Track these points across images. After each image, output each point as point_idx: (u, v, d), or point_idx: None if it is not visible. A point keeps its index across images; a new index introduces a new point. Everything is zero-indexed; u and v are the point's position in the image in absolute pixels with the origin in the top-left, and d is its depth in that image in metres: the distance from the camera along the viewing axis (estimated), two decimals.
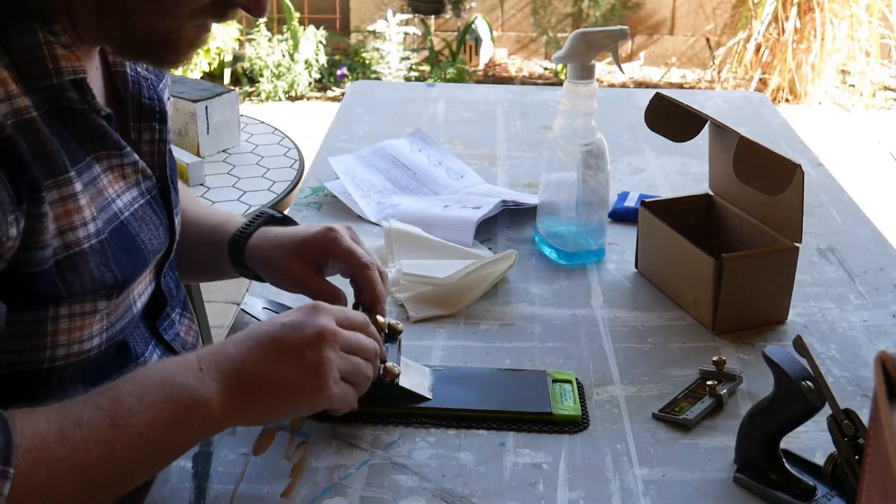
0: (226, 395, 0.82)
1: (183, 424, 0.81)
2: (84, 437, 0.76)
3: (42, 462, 0.74)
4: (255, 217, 1.12)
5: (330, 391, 0.85)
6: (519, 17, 5.34)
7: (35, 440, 0.74)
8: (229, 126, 2.12)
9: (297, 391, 0.85)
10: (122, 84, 0.96)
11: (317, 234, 1.05)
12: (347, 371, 0.87)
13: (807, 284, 1.27)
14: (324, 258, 1.05)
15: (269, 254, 1.07)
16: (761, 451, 0.90)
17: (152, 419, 0.79)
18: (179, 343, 1.05)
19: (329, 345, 0.85)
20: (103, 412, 0.78)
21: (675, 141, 1.28)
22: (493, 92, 2.04)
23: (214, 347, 0.85)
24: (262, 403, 0.84)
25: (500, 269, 1.24)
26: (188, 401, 0.80)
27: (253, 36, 4.81)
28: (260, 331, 0.86)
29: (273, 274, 1.08)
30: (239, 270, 1.12)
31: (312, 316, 0.86)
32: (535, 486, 0.90)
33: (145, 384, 0.81)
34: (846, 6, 4.90)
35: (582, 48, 1.23)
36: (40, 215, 0.79)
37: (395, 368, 0.95)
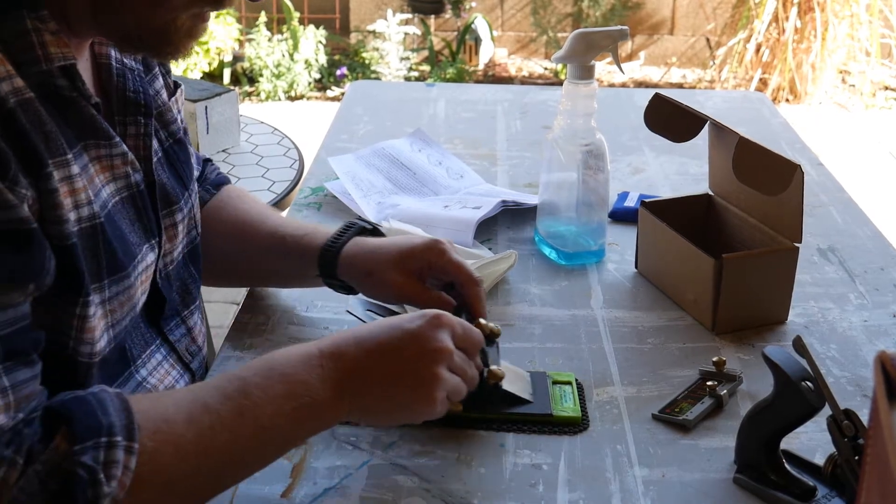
0: (340, 395, 0.84)
1: (301, 420, 0.83)
2: (212, 422, 0.78)
3: (170, 443, 0.76)
4: (345, 227, 1.12)
5: (435, 407, 0.87)
6: (519, 17, 5.34)
7: (162, 423, 0.76)
8: (229, 126, 2.12)
9: (406, 401, 0.87)
10: (107, 76, 0.96)
11: (424, 244, 1.05)
12: (451, 389, 0.88)
13: (807, 284, 1.27)
14: (428, 269, 1.05)
15: (369, 265, 1.07)
16: (761, 451, 0.90)
17: (275, 412, 0.81)
18: (185, 344, 1.04)
19: (444, 363, 0.87)
20: (230, 401, 0.80)
21: (674, 141, 1.28)
22: (493, 92, 2.04)
23: (337, 344, 0.86)
24: (371, 406, 0.87)
25: (500, 270, 1.24)
26: (308, 399, 0.82)
27: (253, 36, 4.81)
28: (382, 334, 0.87)
29: (373, 285, 1.08)
30: (327, 281, 1.12)
31: (436, 329, 0.87)
32: (535, 486, 0.90)
33: (270, 376, 0.82)
34: (846, 6, 4.90)
35: (582, 48, 1.23)
36: (51, 190, 0.79)
37: (499, 371, 0.95)
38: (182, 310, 1.05)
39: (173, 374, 1.00)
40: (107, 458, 0.72)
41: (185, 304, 1.06)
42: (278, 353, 0.86)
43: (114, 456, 0.72)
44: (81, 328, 0.84)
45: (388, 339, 0.87)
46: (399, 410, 0.88)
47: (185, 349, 1.04)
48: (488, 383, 0.94)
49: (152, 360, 0.98)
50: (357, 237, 1.11)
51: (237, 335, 1.14)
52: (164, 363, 0.99)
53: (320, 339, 0.88)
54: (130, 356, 0.94)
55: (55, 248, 0.79)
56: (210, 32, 4.72)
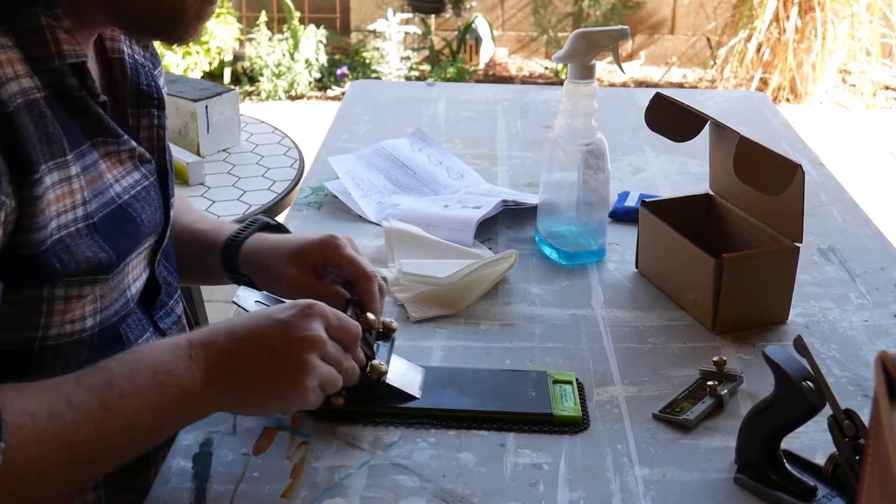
0: (210, 384, 0.84)
1: (169, 410, 0.83)
2: (74, 416, 0.78)
3: (32, 440, 0.76)
4: (248, 223, 1.13)
5: (306, 395, 0.87)
6: (519, 17, 5.34)
7: (25, 418, 0.76)
8: (229, 125, 2.12)
9: (276, 389, 0.87)
10: (120, 70, 0.98)
11: (319, 240, 1.06)
12: (324, 379, 0.88)
13: (807, 284, 1.27)
14: (323, 265, 1.05)
15: (267, 260, 1.08)
16: (762, 451, 0.90)
17: (141, 404, 0.81)
18: (176, 331, 1.05)
19: (315, 351, 0.86)
20: (94, 394, 0.80)
21: (675, 141, 1.28)
22: (494, 91, 2.04)
23: (206, 335, 0.86)
24: (241, 396, 0.87)
25: (500, 269, 1.24)
26: (175, 389, 0.82)
27: (253, 35, 4.81)
28: (253, 324, 0.88)
29: (270, 280, 1.09)
30: (231, 276, 1.12)
31: (306, 318, 0.87)
32: (536, 486, 0.90)
33: (136, 367, 0.82)
34: (847, 5, 4.90)
35: (582, 48, 1.23)
36: (36, 198, 0.80)
37: (381, 366, 0.95)
38: (168, 300, 1.06)
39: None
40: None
41: (169, 294, 1.07)
42: (147, 345, 0.87)
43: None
44: (49, 321, 0.86)
45: (258, 327, 0.87)
46: (271, 399, 0.88)
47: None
48: (371, 377, 0.94)
49: None
50: (260, 232, 1.12)
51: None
52: None
53: (192, 330, 0.88)
54: (126, 340, 0.95)
55: (27, 257, 0.81)
56: (210, 32, 4.72)
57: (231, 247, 1.10)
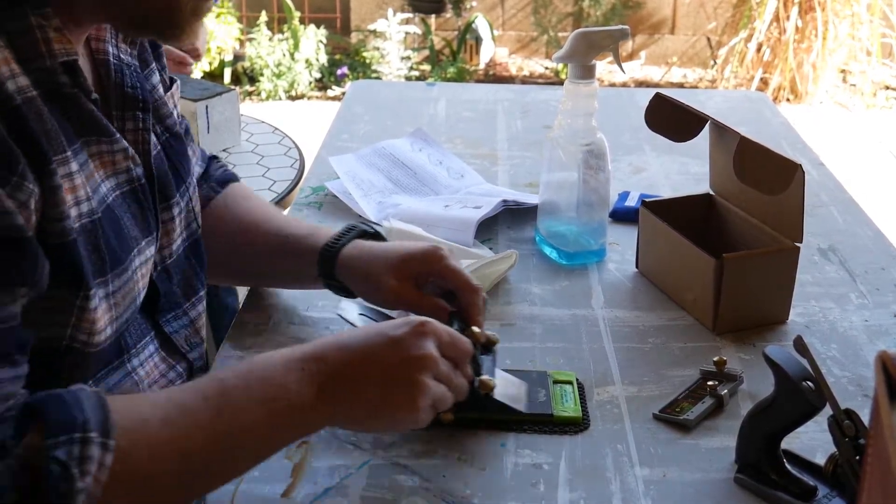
0: (322, 400, 0.83)
1: (280, 424, 0.82)
2: (187, 424, 0.77)
3: (143, 443, 0.75)
4: (346, 230, 1.12)
5: (419, 415, 0.85)
6: (520, 17, 5.34)
7: (137, 422, 0.76)
8: (230, 125, 2.12)
9: (389, 408, 0.85)
10: (105, 72, 0.96)
11: (423, 251, 1.04)
12: (436, 398, 0.87)
13: (807, 284, 1.27)
14: (426, 275, 1.04)
15: (366, 269, 1.06)
16: (762, 451, 0.90)
17: (253, 416, 0.80)
18: (185, 335, 1.04)
19: (428, 371, 0.85)
20: (208, 402, 0.79)
21: (675, 141, 1.28)
22: (494, 91, 2.04)
23: (320, 349, 0.85)
24: (352, 412, 0.85)
25: (500, 269, 1.24)
26: (285, 403, 0.81)
27: (253, 35, 4.81)
28: (366, 340, 0.86)
29: (369, 289, 1.07)
30: (326, 282, 1.11)
31: (419, 337, 0.86)
32: (536, 486, 0.90)
33: (249, 379, 0.82)
34: (847, 5, 4.90)
35: (582, 48, 1.23)
36: (55, 187, 0.80)
37: (490, 381, 0.93)
38: (184, 302, 1.05)
39: (162, 367, 1.00)
40: (81, 454, 0.71)
41: (188, 297, 1.06)
42: (259, 357, 0.85)
43: (88, 452, 0.71)
44: (80, 319, 0.84)
45: (371, 344, 0.85)
46: (381, 417, 0.86)
47: (185, 340, 1.04)
48: (479, 393, 0.93)
49: (144, 352, 0.98)
50: (357, 240, 1.11)
51: (237, 335, 1.14)
52: (154, 355, 0.99)
53: (304, 343, 0.87)
54: (125, 345, 0.94)
55: (55, 246, 0.80)
56: (211, 32, 4.72)
57: (328, 254, 1.09)
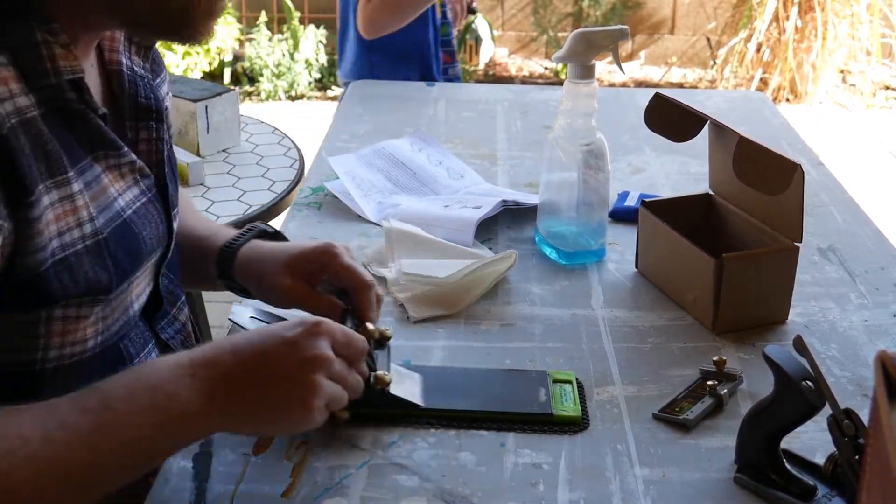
0: (213, 405, 0.81)
1: (168, 432, 0.80)
2: (68, 440, 0.76)
3: (24, 464, 0.74)
4: (245, 230, 1.11)
5: (313, 415, 0.84)
6: (519, 17, 5.34)
7: (17, 441, 0.74)
8: (229, 126, 2.12)
9: (283, 410, 0.84)
10: (118, 83, 0.96)
11: (315, 249, 1.04)
12: (331, 397, 0.85)
13: (807, 284, 1.27)
14: (319, 273, 1.03)
15: (261, 268, 1.06)
16: (762, 451, 0.90)
17: (138, 425, 0.78)
18: (178, 341, 1.05)
19: (322, 371, 0.84)
20: (89, 416, 0.77)
21: (675, 141, 1.28)
22: (494, 91, 2.04)
23: (209, 353, 0.83)
24: (245, 417, 0.84)
25: (500, 269, 1.24)
26: (176, 411, 0.79)
27: (253, 35, 4.81)
28: (258, 342, 0.84)
29: (265, 288, 1.07)
30: (226, 283, 1.11)
31: (313, 337, 0.85)
32: (536, 486, 0.90)
33: (135, 388, 0.80)
34: (847, 5, 4.90)
35: (582, 48, 1.23)
36: (33, 220, 0.79)
37: (385, 377, 0.93)
38: (171, 308, 1.06)
39: None
40: None
41: (172, 303, 1.06)
42: (147, 364, 0.84)
43: None
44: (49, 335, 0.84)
45: (264, 346, 0.83)
46: (275, 419, 0.85)
47: (181, 346, 1.04)
48: (375, 388, 0.92)
49: (148, 360, 0.98)
50: (256, 240, 1.10)
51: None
52: None
53: (193, 348, 0.85)
54: (127, 356, 0.94)
55: (21, 279, 0.79)
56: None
57: (226, 254, 1.09)
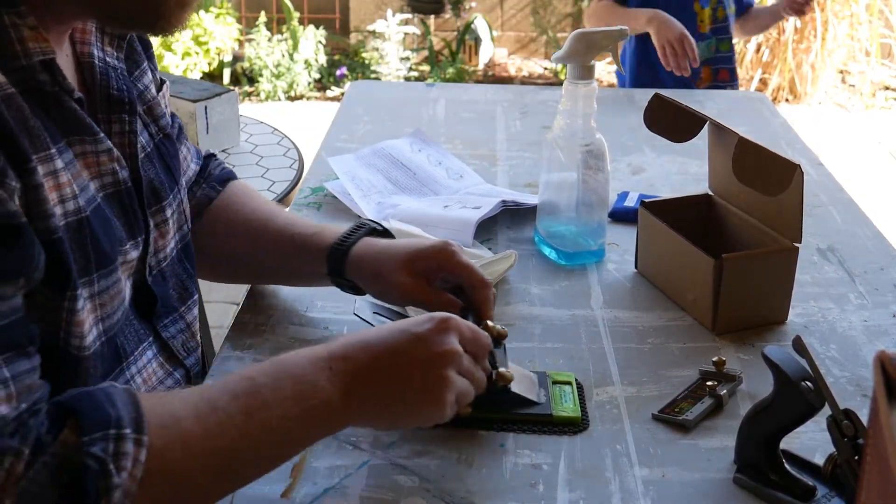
0: (349, 399, 0.83)
1: (310, 421, 0.83)
2: (219, 420, 0.78)
3: (176, 440, 0.76)
4: (356, 227, 1.12)
5: (445, 410, 0.86)
6: (519, 17, 5.34)
7: (169, 419, 0.76)
8: (229, 126, 2.13)
9: (415, 405, 0.86)
10: (90, 75, 0.95)
11: (433, 247, 1.05)
12: (460, 392, 0.88)
13: (807, 284, 1.27)
14: (437, 272, 1.04)
15: (377, 266, 1.07)
16: (761, 451, 0.90)
17: (284, 413, 0.80)
18: (181, 340, 1.04)
19: (452, 366, 0.86)
20: (238, 400, 0.79)
21: (674, 141, 1.29)
22: (493, 92, 2.04)
23: (345, 348, 0.85)
24: (378, 411, 0.86)
25: (499, 270, 1.24)
26: (316, 401, 0.82)
27: (252, 36, 4.81)
28: (389, 338, 0.87)
29: (380, 286, 1.08)
30: (335, 280, 1.11)
31: (443, 333, 0.87)
32: (536, 486, 0.90)
33: (280, 377, 0.82)
34: (846, 6, 4.90)
35: (582, 48, 1.23)
36: (37, 185, 0.79)
37: (508, 374, 0.95)
38: (179, 306, 1.05)
39: (160, 373, 1.00)
40: (116, 450, 0.72)
41: (183, 300, 1.06)
42: (288, 355, 0.86)
43: (123, 447, 0.72)
44: (70, 321, 0.84)
45: (396, 342, 0.86)
46: (408, 414, 0.87)
47: (182, 345, 1.04)
48: (497, 386, 0.94)
49: (142, 359, 0.98)
50: (367, 237, 1.11)
51: (237, 335, 1.14)
52: (152, 361, 0.99)
53: (329, 341, 0.87)
54: (123, 353, 0.94)
55: (42, 243, 0.79)
56: (210, 32, 4.72)
57: (338, 251, 1.09)
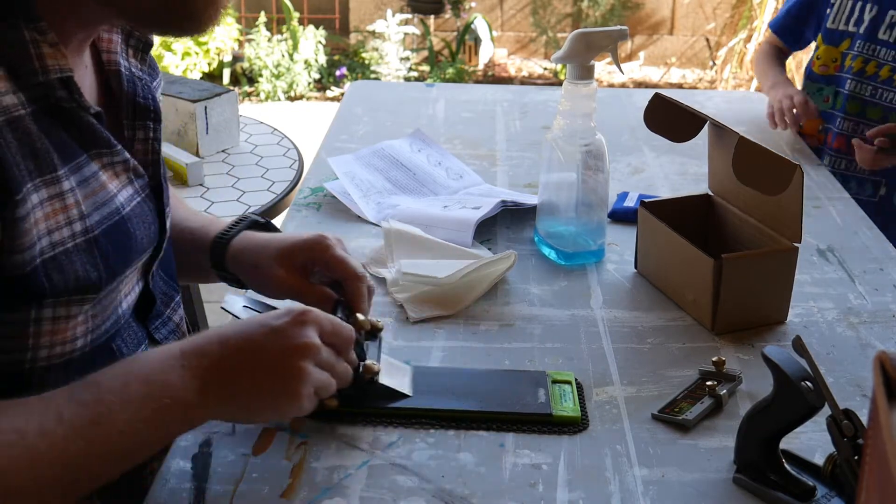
0: (204, 393, 0.82)
1: (161, 422, 0.82)
2: (65, 433, 0.77)
3: (23, 458, 0.75)
4: (237, 221, 1.13)
5: (301, 402, 0.86)
6: (519, 17, 5.34)
7: (14, 436, 0.75)
8: (228, 126, 2.13)
9: (271, 397, 0.85)
10: (117, 83, 0.96)
11: (308, 240, 1.05)
12: (318, 385, 0.87)
13: (806, 284, 1.27)
14: (312, 265, 1.05)
15: (255, 259, 1.07)
16: (761, 451, 0.90)
17: (132, 416, 0.80)
18: (172, 341, 1.04)
19: (309, 358, 0.85)
20: (85, 408, 0.78)
21: (674, 141, 1.29)
22: (493, 92, 2.04)
23: (199, 342, 0.85)
24: (236, 404, 0.85)
25: (499, 270, 1.24)
26: (168, 400, 0.81)
27: (252, 36, 4.81)
28: (247, 331, 0.86)
29: (257, 279, 1.08)
30: (219, 273, 1.12)
31: (300, 326, 0.86)
32: (535, 486, 0.90)
33: (128, 380, 0.81)
34: None
35: (581, 48, 1.23)
36: (19, 219, 0.79)
37: (374, 366, 0.95)
38: (165, 309, 1.06)
39: None
40: None
41: (166, 303, 1.07)
42: (137, 356, 0.85)
43: None
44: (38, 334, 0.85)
45: (252, 335, 0.85)
46: (265, 407, 0.86)
47: None
48: (363, 378, 0.94)
49: None
50: (248, 231, 1.11)
51: None
52: None
53: (183, 339, 0.87)
54: (120, 355, 0.94)
55: (10, 277, 0.80)
56: (210, 32, 4.72)
57: (219, 244, 1.10)
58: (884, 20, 1.78)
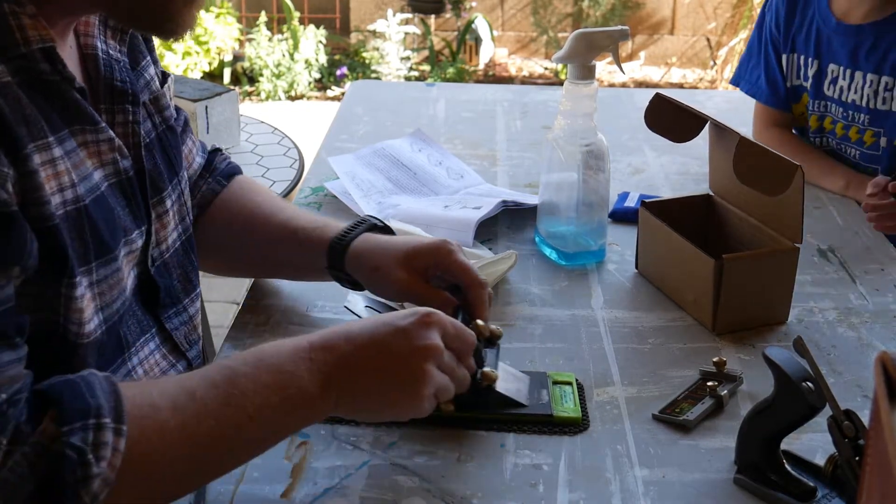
0: (328, 388, 0.84)
1: (288, 411, 0.83)
2: (197, 410, 0.78)
3: (154, 429, 0.76)
4: (356, 223, 1.13)
5: (422, 404, 0.87)
6: (519, 17, 5.34)
7: (147, 408, 0.77)
8: (229, 126, 2.12)
9: (393, 397, 0.87)
10: (94, 66, 0.95)
11: (432, 244, 1.06)
12: (439, 387, 0.88)
13: (807, 285, 1.27)
14: (433, 269, 1.05)
15: (376, 261, 1.07)
16: (762, 451, 0.90)
17: (262, 402, 0.81)
18: (184, 332, 1.04)
19: (432, 360, 0.87)
20: (217, 389, 0.80)
21: (675, 141, 1.29)
22: (493, 92, 2.04)
23: (327, 338, 0.87)
24: (357, 402, 0.87)
25: (500, 270, 1.24)
26: (295, 391, 0.83)
27: (253, 35, 4.81)
28: (372, 330, 0.88)
29: (377, 281, 1.08)
30: (334, 274, 1.12)
31: (425, 327, 0.88)
32: (536, 487, 0.90)
33: (259, 366, 0.83)
34: None
35: (582, 48, 1.23)
36: (31, 171, 0.79)
37: (492, 373, 0.95)
38: (184, 298, 1.05)
39: (163, 364, 1.00)
40: (95, 440, 0.72)
41: (187, 293, 1.06)
42: (269, 345, 0.86)
43: (103, 437, 0.72)
44: (69, 308, 0.84)
45: (377, 334, 0.87)
46: (386, 406, 0.88)
47: (185, 337, 1.04)
48: (481, 385, 0.94)
49: (145, 349, 0.98)
50: (367, 233, 1.11)
51: (237, 335, 1.14)
52: (155, 353, 0.99)
53: (312, 333, 0.88)
54: (125, 343, 0.94)
55: (37, 230, 0.79)
56: (210, 32, 4.72)
57: (338, 246, 1.10)
58: (826, 75, 1.66)
